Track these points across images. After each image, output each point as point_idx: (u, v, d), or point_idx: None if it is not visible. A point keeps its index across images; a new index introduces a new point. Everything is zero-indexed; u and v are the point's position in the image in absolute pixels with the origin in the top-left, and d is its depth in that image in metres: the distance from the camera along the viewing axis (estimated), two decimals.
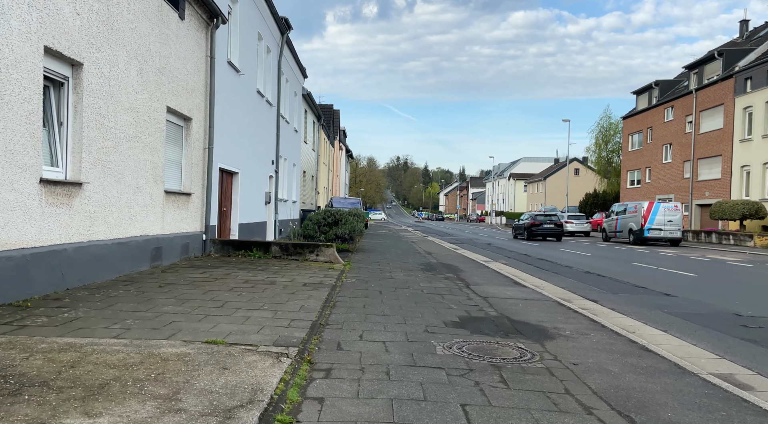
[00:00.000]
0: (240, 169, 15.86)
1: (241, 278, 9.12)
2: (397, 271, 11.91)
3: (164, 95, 10.24)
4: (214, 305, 6.65)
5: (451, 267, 13.49)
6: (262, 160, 19.00)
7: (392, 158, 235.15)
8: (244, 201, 16.48)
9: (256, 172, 18.11)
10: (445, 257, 16.57)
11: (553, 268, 14.87)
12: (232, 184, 15.63)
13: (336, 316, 6.62)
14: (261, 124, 18.66)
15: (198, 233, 12.23)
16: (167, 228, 10.56)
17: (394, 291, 8.82)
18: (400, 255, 16.47)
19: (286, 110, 23.49)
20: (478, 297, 8.64)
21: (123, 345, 4.62)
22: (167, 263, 10.49)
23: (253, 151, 17.57)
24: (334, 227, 16.71)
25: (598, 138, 57.07)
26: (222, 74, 13.68)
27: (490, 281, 10.96)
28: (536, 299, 8.78)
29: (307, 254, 12.62)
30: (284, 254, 12.67)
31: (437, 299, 8.28)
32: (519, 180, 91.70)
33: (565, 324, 6.76)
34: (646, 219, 26.85)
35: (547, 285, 10.90)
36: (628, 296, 9.95)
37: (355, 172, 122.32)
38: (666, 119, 41.02)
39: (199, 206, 12.36)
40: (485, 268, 13.70)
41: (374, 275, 10.98)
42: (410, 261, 14.53)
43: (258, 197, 18.55)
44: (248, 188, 16.95)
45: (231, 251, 12.76)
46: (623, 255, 20.45)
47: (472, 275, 11.78)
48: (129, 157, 8.90)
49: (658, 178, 41.82)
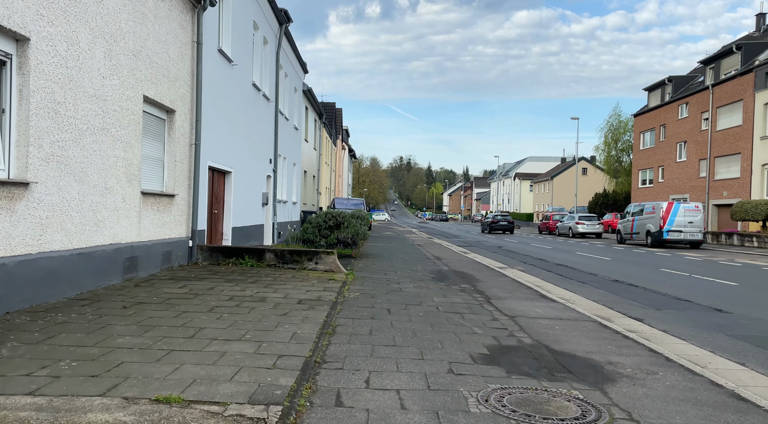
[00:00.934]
0: (233, 169, 14.57)
1: (227, 294, 7.82)
2: (406, 281, 10.60)
3: (140, 83, 8.96)
4: (184, 335, 5.35)
5: (466, 276, 12.17)
6: (259, 158, 17.71)
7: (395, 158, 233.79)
8: (239, 203, 15.19)
9: (252, 172, 16.83)
10: (456, 263, 15.24)
11: (576, 275, 13.53)
12: (224, 185, 14.35)
13: (336, 347, 5.31)
14: (257, 120, 17.38)
15: (183, 239, 10.94)
16: (145, 234, 9.26)
17: (404, 309, 7.51)
18: (407, 261, 15.16)
19: (285, 106, 22.20)
20: (504, 317, 7.32)
21: (35, 409, 3.31)
22: (144, 274, 9.19)
23: (249, 149, 16.29)
24: (335, 230, 15.41)
25: (607, 136, 55.58)
26: (211, 63, 12.39)
27: (512, 293, 9.63)
28: (572, 318, 7.46)
29: (305, 262, 11.32)
30: (280, 262, 11.37)
31: (456, 319, 6.96)
32: (525, 180, 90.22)
33: (620, 357, 5.43)
34: (665, 220, 25.45)
35: (578, 298, 9.58)
36: (675, 312, 8.61)
37: (358, 172, 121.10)
38: (680, 116, 39.59)
39: (185, 209, 11.07)
40: (502, 276, 12.38)
41: (380, 286, 9.66)
42: (419, 268, 13.22)
43: (254, 199, 17.26)
44: (243, 189, 15.67)
45: (221, 258, 11.46)
46: (646, 259, 19.08)
47: (491, 286, 10.46)
48: (95, 153, 7.61)
49: (671, 177, 40.39)
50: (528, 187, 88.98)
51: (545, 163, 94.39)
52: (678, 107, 39.90)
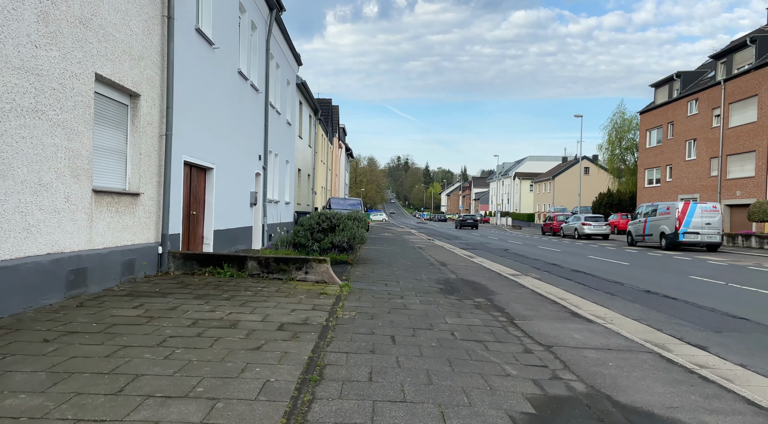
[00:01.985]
0: (216, 164, 13.03)
1: (191, 316, 6.28)
2: (410, 294, 9.07)
3: (91, 57, 7.41)
4: (106, 388, 3.81)
5: (477, 286, 10.65)
6: (246, 154, 16.17)
7: (393, 158, 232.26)
8: (222, 203, 13.66)
9: (239, 169, 15.29)
10: (464, 270, 13.73)
11: (600, 285, 12.02)
12: (205, 183, 12.81)
13: (321, 407, 3.78)
14: (245, 112, 15.84)
15: (150, 245, 9.40)
16: (98, 241, 7.72)
17: (412, 336, 5.98)
18: (409, 267, 13.63)
19: (276, 99, 20.66)
20: (538, 346, 5.81)
21: None
22: (96, 289, 7.65)
23: (234, 144, 14.75)
24: (330, 233, 13.87)
25: (611, 135, 54.05)
26: (188, 44, 10.85)
27: (536, 310, 8.12)
28: (622, 347, 5.95)
29: (294, 271, 9.77)
30: (264, 272, 9.83)
31: (479, 351, 5.45)
32: (525, 179, 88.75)
33: (715, 416, 3.93)
34: (681, 221, 23.97)
35: (616, 317, 8.06)
36: (739, 335, 7.10)
37: (356, 171, 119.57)
38: (689, 113, 38.16)
39: (153, 210, 9.53)
40: (519, 286, 10.87)
41: (381, 302, 8.14)
42: (424, 277, 11.69)
43: (241, 198, 15.72)
44: (228, 187, 14.13)
45: (196, 267, 9.92)
46: (666, 264, 17.59)
47: (510, 300, 8.95)
48: (23, 141, 6.06)
49: (680, 176, 38.95)
50: (528, 187, 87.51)
51: (546, 163, 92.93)
52: (687, 104, 38.47)
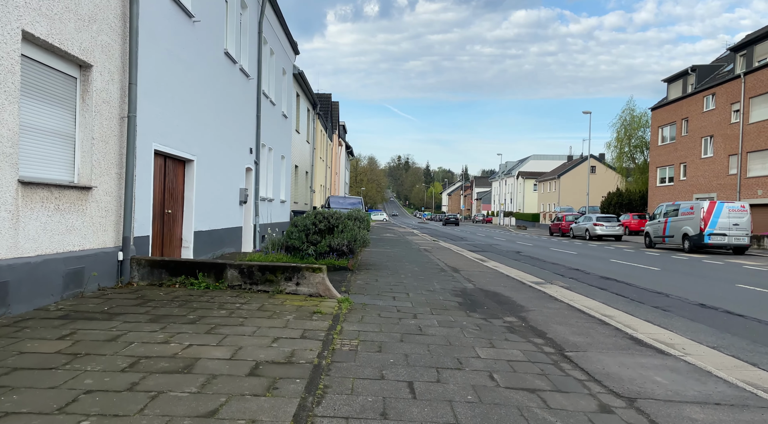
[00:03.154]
0: (197, 156, 11.35)
1: (131, 352, 4.59)
2: (425, 311, 7.38)
3: (15, 9, 5.72)
4: None
5: (502, 299, 8.96)
6: (235, 146, 14.48)
7: (393, 158, 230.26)
8: (205, 200, 11.98)
9: (226, 162, 13.60)
10: (480, 277, 12.04)
11: (640, 295, 10.33)
12: (184, 177, 11.12)
13: None
14: (233, 98, 14.15)
15: (108, 251, 7.70)
16: (28, 246, 6.03)
17: (437, 384, 4.28)
18: (418, 274, 11.94)
19: (270, 89, 18.97)
20: (617, 401, 4.11)
21: None
22: (24, 309, 5.95)
23: (220, 134, 13.06)
24: (327, 235, 12.17)
25: (619, 132, 52.33)
26: (159, 11, 9.15)
27: (587, 334, 6.43)
28: (730, 399, 4.27)
29: (283, 282, 8.06)
30: (246, 283, 8.12)
31: (538, 413, 3.75)
32: (528, 179, 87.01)
33: None
34: (706, 222, 22.27)
35: (686, 343, 6.37)
36: None
37: (356, 170, 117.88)
38: (705, 108, 36.44)
39: (112, 208, 7.84)
40: (551, 299, 9.18)
41: (390, 324, 6.44)
42: (437, 287, 10.00)
43: (229, 195, 14.04)
44: (212, 183, 12.44)
45: (165, 277, 8.22)
46: (702, 270, 15.89)
47: (547, 319, 7.26)
48: None
49: (696, 174, 37.23)
50: (532, 187, 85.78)
51: (550, 162, 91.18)
52: (703, 99, 36.75)
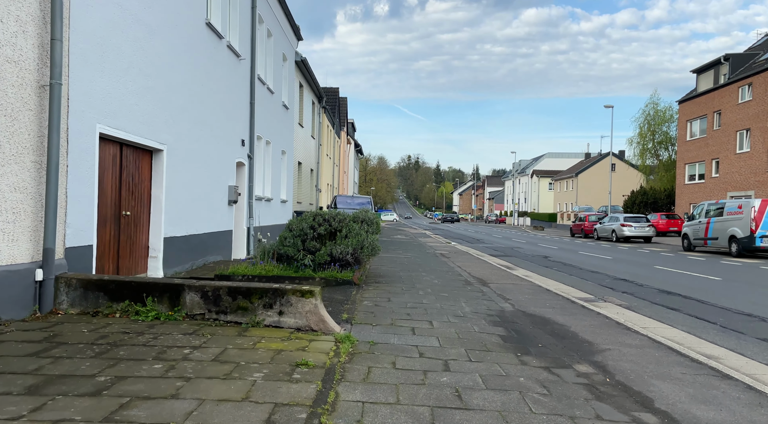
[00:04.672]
0: (167, 145, 9.23)
1: None
2: (457, 355, 5.16)
3: None
4: None
5: (555, 328, 6.73)
6: (221, 136, 12.35)
7: (403, 158, 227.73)
8: (180, 199, 9.86)
9: (209, 154, 11.48)
10: (514, 292, 9.81)
11: (729, 320, 8.03)
12: (150, 170, 9.00)
13: None
14: (219, 79, 12.03)
15: (17, 269, 5.57)
16: None
17: None
18: (439, 289, 9.72)
19: (268, 75, 16.84)
20: None
21: None
22: None
23: (201, 120, 10.94)
24: (328, 242, 9.97)
25: (642, 128, 49.73)
26: None
27: (714, 401, 4.20)
28: None
29: (261, 310, 5.87)
30: (211, 311, 5.95)
31: None
32: (543, 177, 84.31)
33: None
34: (758, 223, 19.82)
35: None
36: None
37: (365, 170, 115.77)
38: (741, 100, 33.85)
39: (25, 209, 5.71)
40: (620, 328, 6.93)
41: (411, 385, 4.24)
42: (467, 309, 7.78)
43: (214, 193, 11.92)
44: (189, 178, 10.33)
45: (104, 302, 6.07)
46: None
47: (637, 368, 5.02)
48: None
49: (730, 171, 34.64)
50: (547, 186, 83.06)
51: (566, 160, 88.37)
52: (738, 90, 34.16)
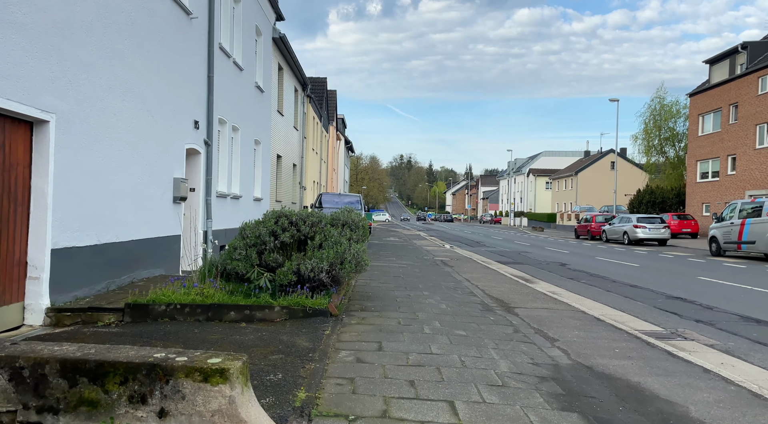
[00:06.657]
0: (59, 114, 6.36)
1: None
2: None
3: None
4: None
5: (649, 403, 3.94)
6: (157, 111, 9.47)
7: (395, 157, 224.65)
8: (84, 193, 7.00)
9: (139, 134, 8.60)
10: (556, 325, 7.03)
11: None
12: (29, 150, 6.13)
13: None
14: (152, 35, 9.15)
15: None
16: None
17: None
18: (451, 322, 6.91)
19: (235, 47, 13.96)
20: None
21: None
22: None
23: (125, 86, 8.06)
24: (295, 254, 7.11)
25: (647, 124, 47.27)
26: None
27: None
28: None
29: (123, 406, 3.01)
30: (28, 408, 3.11)
31: None
32: (540, 176, 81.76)
33: None
34: None
35: None
36: None
37: (357, 169, 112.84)
38: (760, 91, 31.34)
39: None
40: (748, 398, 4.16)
41: None
42: (498, 362, 4.99)
43: (149, 187, 9.04)
44: (103, 163, 7.46)
45: None
46: None
47: None
48: None
49: (748, 168, 32.13)
50: (544, 185, 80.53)
51: (563, 159, 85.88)
52: (757, 80, 31.65)
